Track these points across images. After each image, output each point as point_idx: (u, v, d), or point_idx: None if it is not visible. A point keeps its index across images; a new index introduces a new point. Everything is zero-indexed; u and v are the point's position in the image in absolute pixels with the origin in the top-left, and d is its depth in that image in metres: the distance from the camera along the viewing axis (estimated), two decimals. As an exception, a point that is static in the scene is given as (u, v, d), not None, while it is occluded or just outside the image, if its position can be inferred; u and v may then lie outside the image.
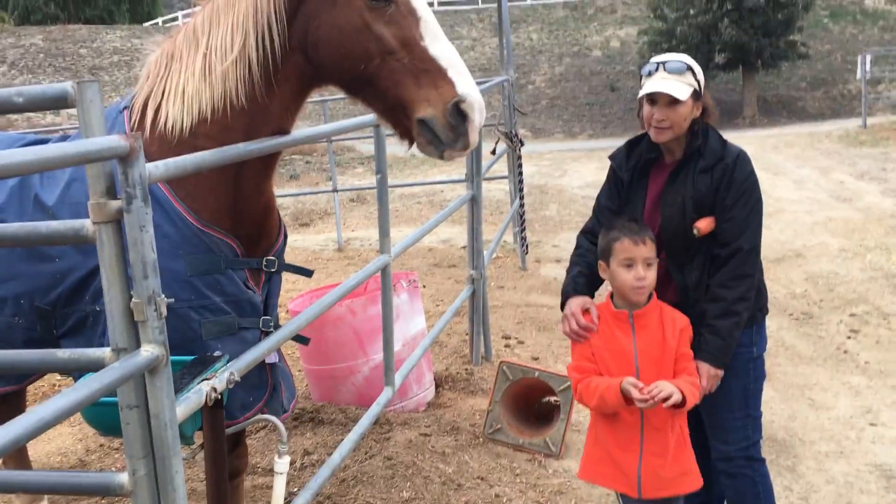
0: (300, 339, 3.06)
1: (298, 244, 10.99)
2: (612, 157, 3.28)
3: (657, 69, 3.01)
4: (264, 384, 2.79)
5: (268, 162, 2.66)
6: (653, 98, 2.97)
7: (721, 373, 2.95)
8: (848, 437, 4.62)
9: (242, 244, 2.66)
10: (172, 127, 2.49)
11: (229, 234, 2.61)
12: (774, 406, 5.05)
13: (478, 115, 2.40)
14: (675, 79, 2.96)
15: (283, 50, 2.46)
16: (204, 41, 2.49)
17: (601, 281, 3.12)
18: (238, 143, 2.47)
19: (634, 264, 2.85)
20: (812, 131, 20.62)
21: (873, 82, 25.34)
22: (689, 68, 3.00)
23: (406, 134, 2.48)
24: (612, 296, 3.01)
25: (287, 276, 8.65)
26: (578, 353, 2.99)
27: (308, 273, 3.00)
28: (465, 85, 2.39)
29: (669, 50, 26.00)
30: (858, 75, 21.45)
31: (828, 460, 4.36)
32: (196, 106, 2.47)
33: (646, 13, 30.54)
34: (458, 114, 2.37)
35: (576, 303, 3.02)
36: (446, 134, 2.39)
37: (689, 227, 2.97)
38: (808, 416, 4.93)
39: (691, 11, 26.43)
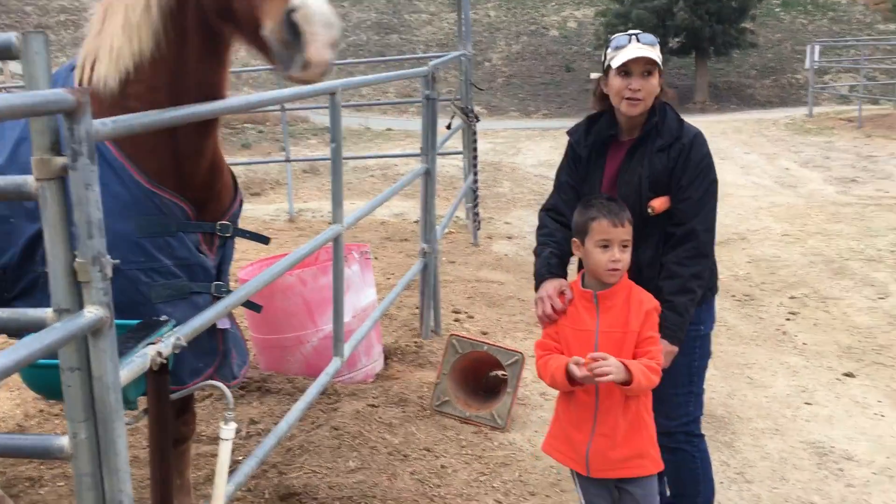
0: (252, 305, 3.02)
1: (249, 213, 10.85)
2: (570, 133, 3.28)
3: (629, 41, 3.01)
4: (214, 350, 2.76)
5: (203, 124, 2.54)
6: (626, 70, 2.95)
7: (676, 349, 2.97)
8: (784, 415, 4.76)
9: (193, 207, 2.61)
10: (105, 86, 2.42)
11: (179, 195, 2.56)
12: (715, 384, 5.18)
13: (318, 27, 2.04)
14: (649, 49, 2.98)
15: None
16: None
17: (570, 258, 3.14)
18: (164, 102, 2.37)
19: (611, 246, 2.81)
20: (760, 118, 21.01)
21: (820, 72, 25.87)
22: (657, 42, 3.05)
23: (268, 53, 2.23)
24: (583, 275, 2.99)
25: (237, 244, 8.53)
26: (545, 331, 3.01)
27: (265, 240, 2.97)
28: None
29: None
30: (807, 65, 21.84)
31: (764, 437, 4.49)
32: (121, 63, 2.40)
33: (603, -5, 30.67)
34: (291, 27, 2.05)
35: (552, 285, 3.00)
36: (280, 50, 2.10)
37: (644, 206, 2.98)
38: (747, 394, 5.07)
39: (648, -5, 26.62)
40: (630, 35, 3.06)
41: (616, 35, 3.13)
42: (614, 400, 2.83)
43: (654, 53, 2.99)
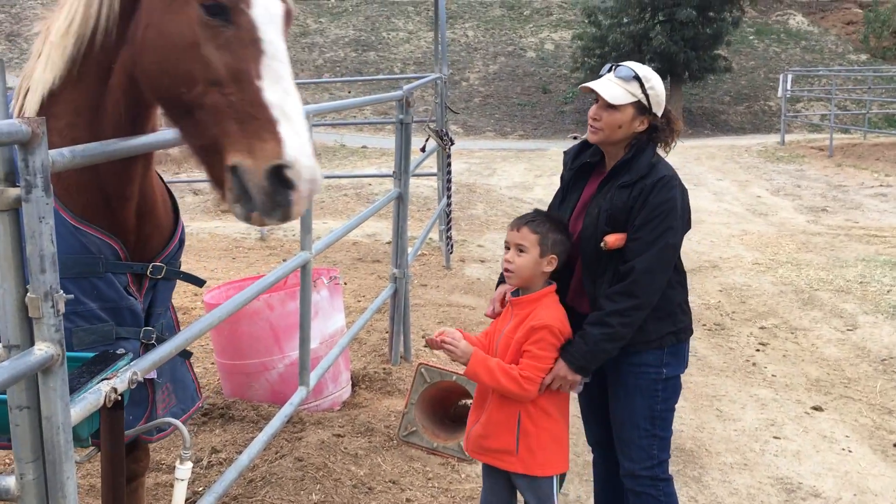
0: (184, 353, 2.79)
1: (220, 231, 10.75)
2: (564, 153, 3.34)
3: (609, 70, 3.07)
4: (145, 400, 2.59)
5: (127, 165, 2.33)
6: (595, 96, 3.02)
7: (578, 378, 2.98)
8: (752, 449, 4.75)
9: (125, 247, 2.45)
10: (31, 113, 2.24)
11: (108, 233, 2.39)
12: (684, 416, 5.16)
13: (305, 183, 1.91)
14: (618, 83, 2.99)
15: (111, 37, 2.15)
16: (53, 18, 2.26)
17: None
18: (85, 140, 2.15)
19: (509, 247, 3.05)
20: (733, 144, 21.26)
21: (793, 100, 26.30)
22: (637, 78, 3.00)
23: (218, 182, 2.01)
24: None
25: (206, 264, 8.36)
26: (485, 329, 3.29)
27: (199, 283, 2.79)
28: (296, 147, 1.90)
29: (601, 56, 26.43)
30: (779, 93, 22.19)
31: (732, 472, 4.47)
32: (38, 94, 2.23)
33: (581, 18, 30.95)
34: (280, 180, 1.89)
35: (498, 291, 3.27)
36: (261, 198, 1.91)
37: (599, 240, 2.98)
38: (716, 427, 5.06)
39: (625, 20, 26.92)
40: (612, 65, 3.09)
41: (582, 63, 3.19)
42: (504, 399, 3.02)
43: (622, 89, 2.98)
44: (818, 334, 6.84)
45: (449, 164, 8.51)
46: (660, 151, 3.13)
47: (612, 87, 2.99)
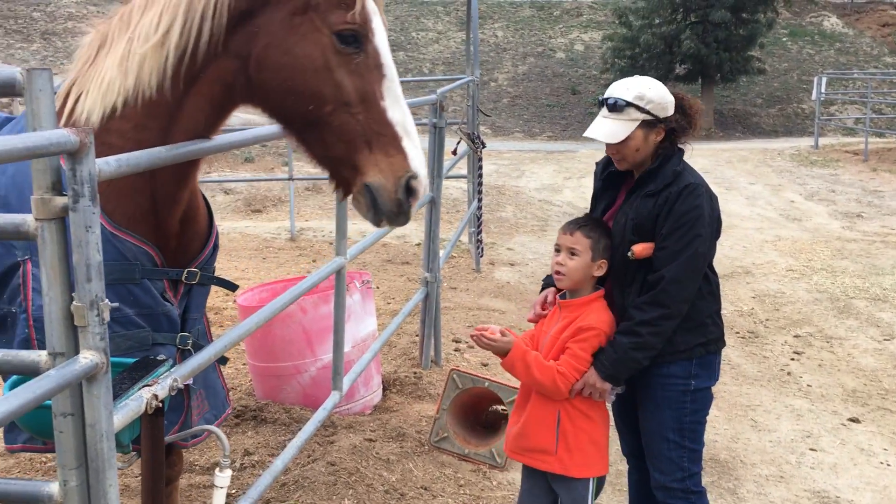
0: (220, 360, 2.81)
1: (250, 231, 10.82)
2: (596, 164, 3.36)
3: (601, 106, 3.06)
4: (181, 405, 2.60)
5: (182, 171, 2.40)
6: None
7: (608, 387, 2.97)
8: (788, 461, 4.68)
9: (163, 253, 2.46)
10: (87, 120, 2.26)
11: (148, 240, 2.41)
12: (718, 426, 5.10)
13: (423, 190, 2.23)
14: (613, 118, 3.00)
15: (213, 48, 2.21)
16: (133, 24, 2.25)
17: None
18: (153, 143, 2.22)
19: (560, 250, 3.07)
20: (765, 148, 21.01)
21: (826, 103, 25.91)
22: (630, 104, 2.97)
23: (344, 188, 2.28)
24: None
25: (237, 263, 8.42)
26: (529, 330, 3.31)
27: (232, 287, 2.80)
28: (418, 159, 2.20)
29: (632, 57, 26.23)
30: (814, 96, 21.87)
31: (768, 484, 4.41)
32: (110, 97, 2.24)
33: (611, 19, 30.73)
34: (408, 190, 2.19)
35: (541, 295, 3.26)
36: (390, 207, 2.20)
37: (626, 249, 2.98)
38: (751, 437, 4.99)
39: (656, 20, 26.67)
40: (602, 99, 3.07)
41: (612, 65, 3.17)
42: (544, 399, 3.04)
43: (619, 121, 2.97)
44: (854, 343, 6.73)
45: (480, 167, 8.48)
46: (690, 144, 3.13)
47: (607, 126, 3.00)
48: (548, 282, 3.29)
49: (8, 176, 2.44)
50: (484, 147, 8.10)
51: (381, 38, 2.21)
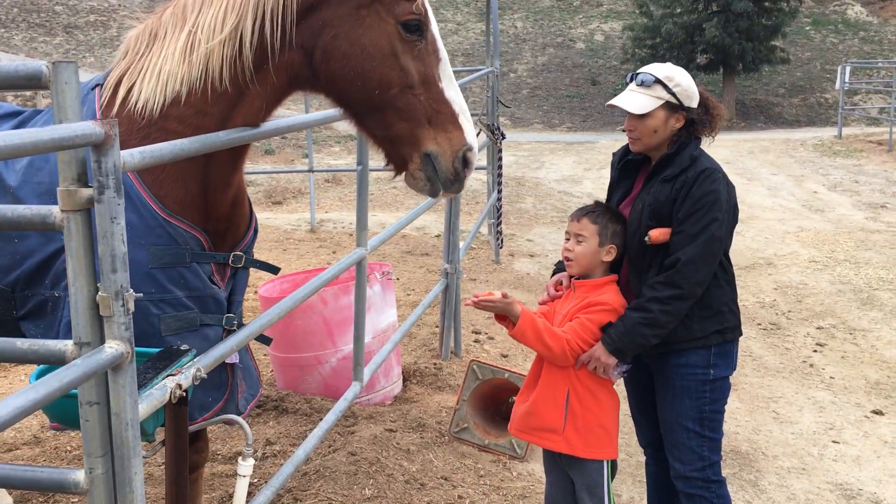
0: (262, 338, 2.95)
1: (270, 222, 10.87)
2: (613, 154, 3.38)
3: (630, 80, 3.11)
4: (224, 384, 2.69)
5: (236, 153, 2.55)
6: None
7: (613, 361, 2.97)
8: (811, 453, 4.65)
9: (210, 237, 2.57)
10: (143, 107, 2.37)
11: (197, 225, 2.51)
12: (739, 418, 5.07)
13: (475, 161, 2.50)
14: (641, 91, 3.03)
15: (282, 43, 2.35)
16: (192, 19, 2.37)
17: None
18: (212, 129, 2.37)
19: (569, 237, 3.14)
20: (787, 138, 20.81)
21: (850, 93, 25.61)
22: (659, 81, 3.01)
23: (401, 164, 2.47)
24: None
25: (258, 255, 8.53)
26: (539, 308, 3.32)
27: (274, 270, 2.90)
28: (472, 134, 2.44)
29: (653, 47, 26.05)
30: (837, 85, 21.61)
31: (790, 476, 4.38)
32: (171, 86, 2.36)
33: (631, 8, 30.53)
34: (464, 162, 2.44)
35: (553, 278, 3.32)
36: (447, 176, 2.44)
37: (643, 235, 3.00)
38: (773, 429, 4.96)
39: (677, 10, 26.44)
40: (633, 73, 3.12)
41: (633, 55, 3.19)
42: (552, 378, 3.06)
43: (647, 96, 3.00)
44: (878, 335, 6.66)
45: (500, 159, 8.46)
46: (705, 141, 3.14)
47: (634, 98, 3.03)
48: (559, 267, 3.33)
49: (52, 163, 2.50)
50: (504, 138, 8.08)
51: (435, 25, 2.44)
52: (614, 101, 3.06)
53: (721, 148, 18.52)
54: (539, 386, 3.12)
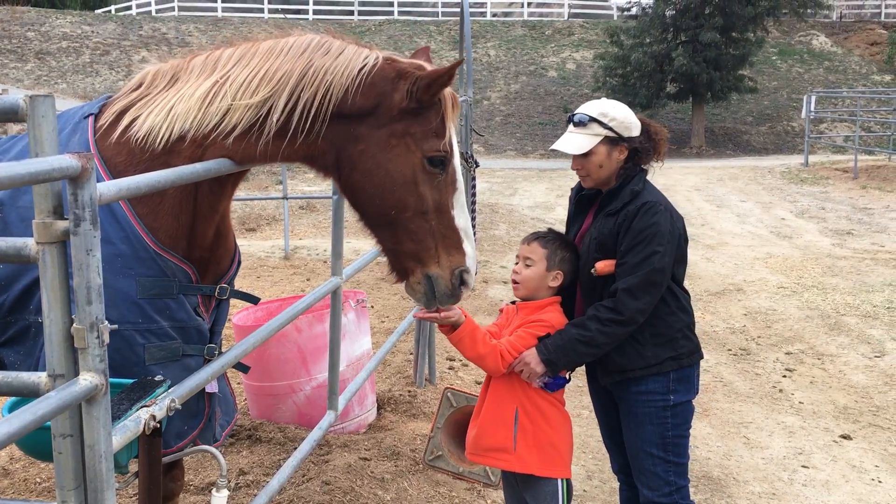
0: (240, 367, 3.00)
1: (244, 249, 10.80)
2: (572, 190, 3.46)
3: (568, 122, 3.20)
4: (201, 412, 2.71)
5: (223, 184, 2.60)
6: None
7: (541, 370, 3.02)
8: (780, 478, 4.70)
9: (195, 266, 2.60)
10: (145, 137, 2.42)
11: (185, 258, 2.55)
12: (711, 443, 5.12)
13: (472, 282, 2.64)
14: (578, 132, 3.13)
15: (307, 133, 2.43)
16: (222, 71, 2.44)
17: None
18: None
19: (518, 260, 3.20)
20: (756, 165, 21.15)
21: (816, 121, 26.14)
22: (594, 119, 3.09)
23: (402, 275, 2.62)
24: None
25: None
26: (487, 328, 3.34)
27: (255, 300, 2.94)
28: (472, 258, 2.60)
29: (623, 76, 26.43)
30: (803, 114, 22.07)
31: (760, 501, 4.43)
32: (179, 124, 2.41)
33: (602, 38, 31.00)
34: (461, 280, 2.59)
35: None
36: (444, 294, 2.58)
37: (591, 266, 3.08)
38: (743, 454, 5.01)
39: (647, 40, 26.90)
40: (569, 116, 3.19)
41: (603, 83, 3.28)
42: (497, 397, 3.11)
43: (583, 135, 3.09)
44: (845, 360, 6.77)
45: (474, 187, 8.51)
46: (655, 165, 3.23)
47: (574, 139, 3.12)
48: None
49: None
50: (477, 166, 8.14)
51: (457, 157, 2.59)
52: (555, 146, 3.16)
53: (691, 175, 18.80)
54: (486, 406, 3.16)
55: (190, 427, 2.66)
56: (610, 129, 3.08)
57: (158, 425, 2.14)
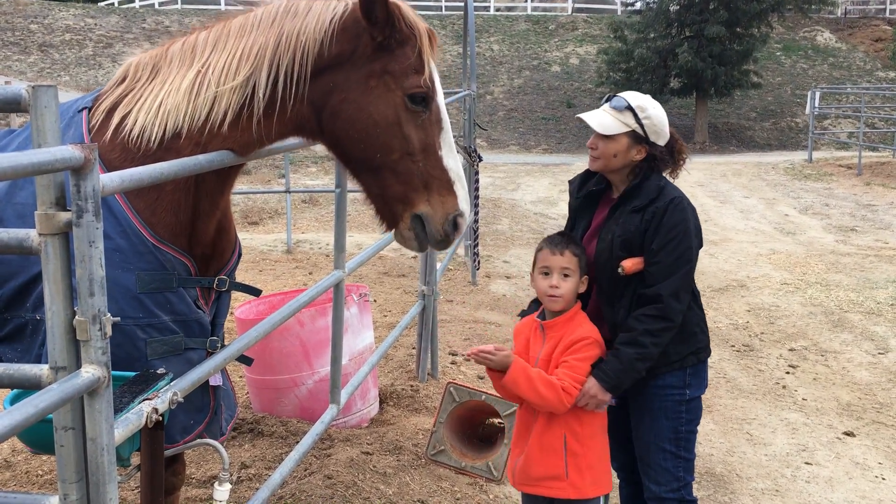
0: (243, 359, 2.98)
1: (247, 243, 10.80)
2: (570, 182, 3.38)
3: (606, 101, 3.14)
4: (206, 406, 2.70)
5: (225, 177, 2.59)
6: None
7: (608, 398, 2.98)
8: (784, 475, 4.69)
9: (196, 262, 2.59)
10: (139, 136, 2.40)
11: (185, 251, 2.53)
12: (714, 439, 5.11)
13: (465, 226, 2.58)
14: (612, 114, 3.06)
15: (293, 99, 2.42)
16: (202, 59, 2.43)
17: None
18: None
19: (551, 273, 3.01)
20: (759, 161, 21.11)
21: (820, 118, 26.06)
22: (630, 108, 3.03)
23: (391, 220, 2.55)
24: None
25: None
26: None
27: (256, 292, 2.93)
28: (466, 201, 2.53)
29: (627, 71, 26.35)
30: (807, 110, 22.00)
31: (763, 498, 4.42)
32: (172, 120, 2.40)
33: (606, 33, 30.90)
34: (454, 225, 2.52)
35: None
36: (435, 237, 2.52)
37: (615, 265, 3.01)
38: (746, 451, 5.00)
39: (651, 35, 26.82)
40: (609, 96, 3.15)
41: (607, 79, 3.24)
42: (550, 423, 3.00)
43: (615, 119, 3.03)
44: (849, 357, 6.75)
45: (477, 181, 8.51)
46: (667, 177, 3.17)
47: (603, 117, 3.06)
48: (531, 309, 3.27)
49: (34, 184, 2.52)
50: (480, 160, 8.13)
51: (441, 95, 2.53)
52: (583, 115, 3.10)
53: (694, 171, 18.74)
54: (534, 435, 3.03)
55: (196, 422, 2.66)
56: (641, 125, 3.02)
57: (161, 418, 2.13)
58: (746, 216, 13.52)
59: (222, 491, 2.55)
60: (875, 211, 13.93)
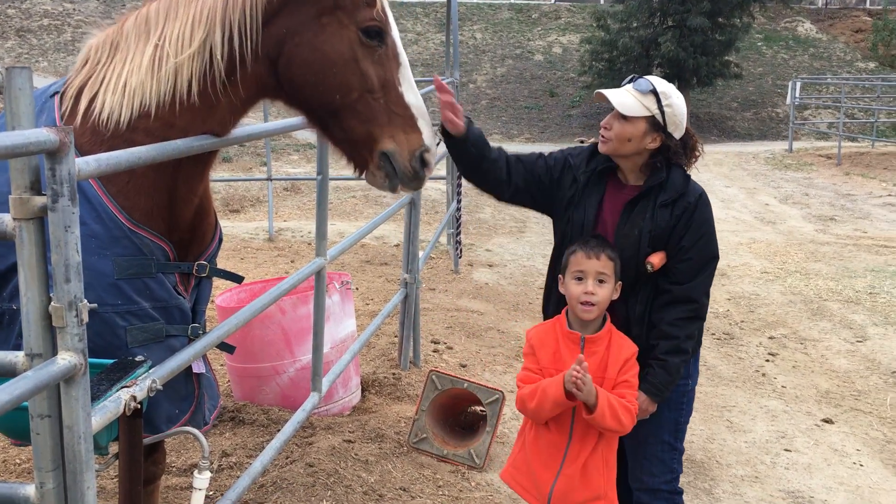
0: (225, 347, 2.95)
1: (228, 231, 10.73)
2: (573, 154, 3.16)
3: (629, 81, 2.99)
4: (191, 395, 2.68)
5: (203, 163, 2.55)
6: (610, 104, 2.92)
7: (654, 408, 2.97)
8: (763, 461, 4.73)
9: (175, 247, 2.54)
10: (108, 118, 2.35)
11: (162, 236, 2.49)
12: (694, 426, 5.14)
13: (434, 162, 2.55)
14: (634, 95, 2.90)
15: (251, 54, 2.36)
16: (157, 32, 2.36)
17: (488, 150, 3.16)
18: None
19: (585, 278, 2.83)
20: (740, 151, 21.21)
21: (800, 108, 26.20)
22: (654, 92, 2.90)
23: (362, 164, 2.52)
24: (567, 312, 2.97)
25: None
26: (527, 365, 2.99)
27: (238, 279, 2.90)
28: (430, 136, 2.50)
29: (610, 60, 26.37)
30: (788, 100, 22.12)
31: (743, 484, 4.45)
32: (138, 99, 2.34)
33: (589, 22, 30.89)
34: (422, 162, 2.48)
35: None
36: (405, 174, 2.48)
37: (641, 261, 2.92)
38: (726, 438, 5.04)
39: (634, 24, 26.84)
40: (635, 77, 3.00)
41: (590, 68, 3.14)
42: (586, 442, 2.85)
43: (636, 101, 2.88)
44: (827, 345, 6.81)
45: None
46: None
47: (625, 96, 2.91)
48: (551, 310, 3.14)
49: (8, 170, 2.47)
50: (463, 148, 8.10)
51: (395, 30, 2.48)
52: (605, 92, 2.92)
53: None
54: (572, 457, 2.87)
55: (181, 411, 2.63)
56: (662, 112, 2.88)
57: (139, 406, 2.11)
58: (727, 205, 13.59)
59: (202, 479, 2.53)
60: (854, 200, 14.05)
